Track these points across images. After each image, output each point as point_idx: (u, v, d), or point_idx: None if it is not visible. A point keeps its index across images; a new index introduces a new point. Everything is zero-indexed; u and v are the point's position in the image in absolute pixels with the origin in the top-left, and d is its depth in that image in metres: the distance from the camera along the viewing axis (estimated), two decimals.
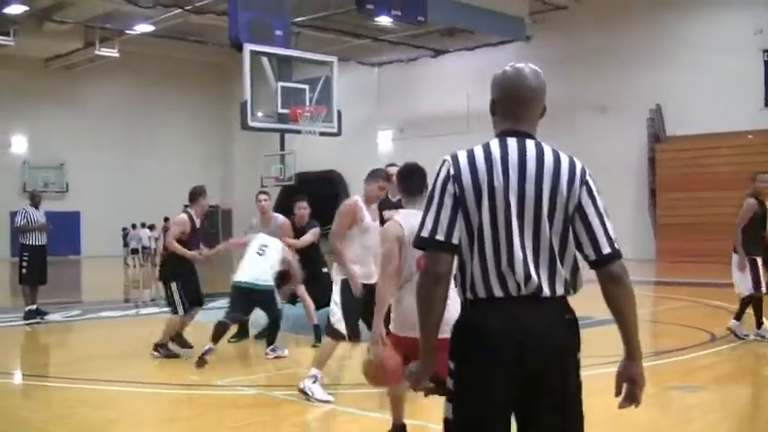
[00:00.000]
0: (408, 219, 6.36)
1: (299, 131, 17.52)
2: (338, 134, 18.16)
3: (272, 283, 11.73)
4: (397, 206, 11.59)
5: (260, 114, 17.38)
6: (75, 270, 36.00)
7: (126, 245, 39.38)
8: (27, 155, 45.83)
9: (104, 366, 11.22)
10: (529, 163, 3.57)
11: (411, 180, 6.81)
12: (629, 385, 3.60)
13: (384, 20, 30.23)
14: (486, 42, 37.02)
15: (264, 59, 16.93)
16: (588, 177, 3.62)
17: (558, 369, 3.53)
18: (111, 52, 39.73)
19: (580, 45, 34.88)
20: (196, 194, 12.95)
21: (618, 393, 3.61)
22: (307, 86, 17.51)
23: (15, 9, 33.58)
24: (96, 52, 39.79)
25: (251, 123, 16.67)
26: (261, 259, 11.78)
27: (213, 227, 49.15)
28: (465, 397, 3.59)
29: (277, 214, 13.62)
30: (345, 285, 8.83)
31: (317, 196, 14.98)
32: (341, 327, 8.81)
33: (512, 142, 3.63)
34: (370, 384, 6.80)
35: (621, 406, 3.61)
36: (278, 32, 17.27)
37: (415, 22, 27.86)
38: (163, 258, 12.75)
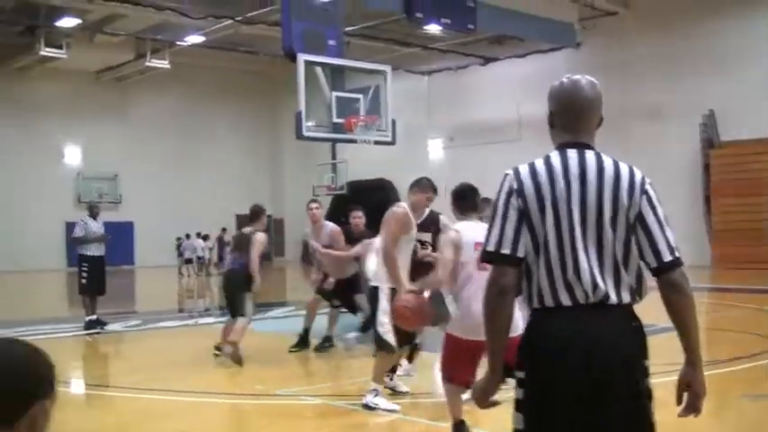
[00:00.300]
0: (465, 229, 7.18)
1: (353, 141, 17.53)
2: (392, 143, 18.19)
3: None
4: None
5: (312, 124, 17.42)
6: (129, 280, 36.31)
7: (180, 255, 39.63)
8: (81, 166, 46.30)
9: (168, 376, 11.30)
10: (589, 174, 3.63)
11: (464, 200, 7.58)
12: (690, 394, 3.63)
13: (433, 28, 30.20)
14: (536, 49, 36.87)
15: (318, 69, 16.96)
16: (648, 186, 3.67)
17: (626, 377, 3.53)
18: (162, 64, 40.01)
19: (631, 51, 34.61)
20: (259, 213, 13.26)
21: (679, 402, 3.64)
22: (361, 96, 17.54)
23: (68, 22, 33.99)
24: (147, 64, 40.05)
25: (306, 133, 16.72)
26: None
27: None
28: (537, 405, 3.60)
29: (327, 222, 13.73)
30: (394, 294, 8.82)
31: (368, 204, 15.03)
32: (390, 338, 8.83)
33: (572, 154, 3.69)
34: (401, 325, 7.74)
35: (681, 415, 3.64)
36: (331, 42, 17.32)
37: (464, 30, 27.76)
38: (234, 270, 12.90)
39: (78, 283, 17.14)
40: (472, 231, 7.17)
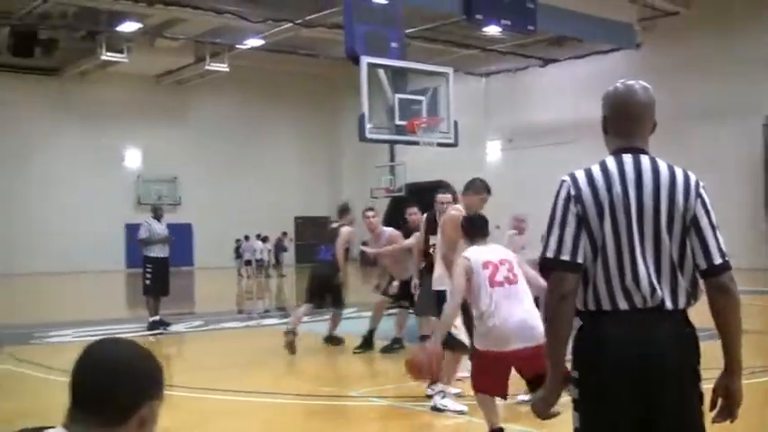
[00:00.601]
0: (473, 254, 7.47)
1: (416, 143, 17.54)
2: (455, 145, 18.16)
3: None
4: None
5: (374, 126, 17.43)
6: (189, 281, 36.58)
7: (239, 256, 39.84)
8: (141, 169, 46.79)
9: (232, 376, 11.36)
10: (645, 178, 3.68)
11: (474, 227, 7.95)
12: (725, 400, 3.66)
13: (493, 29, 30.13)
14: (595, 50, 36.60)
15: (380, 71, 16.97)
16: (702, 190, 3.71)
17: (679, 380, 3.59)
18: (222, 67, 40.25)
19: (691, 51, 34.21)
20: (346, 209, 14.21)
21: (713, 408, 3.68)
22: (423, 98, 17.53)
23: (129, 27, 34.34)
24: (207, 67, 40.33)
25: (369, 135, 16.73)
26: None
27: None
28: (592, 406, 3.66)
29: (385, 228, 13.82)
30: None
31: (426, 206, 15.03)
32: (464, 338, 8.83)
33: (627, 159, 3.74)
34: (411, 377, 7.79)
35: (715, 421, 3.68)
36: (393, 44, 17.32)
37: (524, 31, 27.66)
38: (324, 261, 13.55)
39: (143, 284, 17.33)
40: (480, 254, 7.48)
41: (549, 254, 3.69)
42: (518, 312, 7.20)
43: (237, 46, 38.34)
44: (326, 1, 31.59)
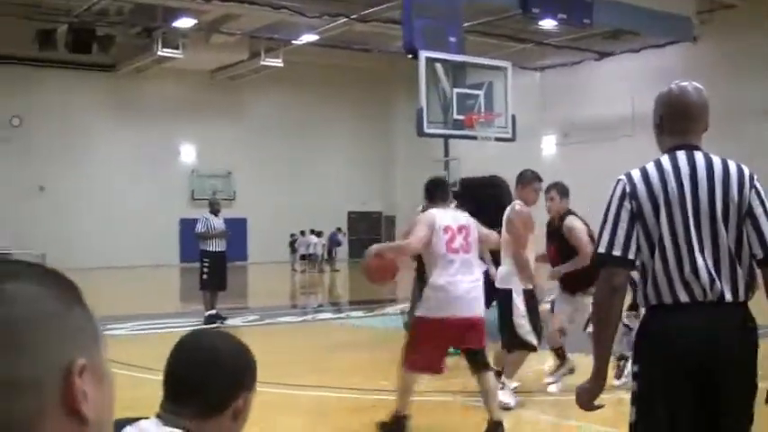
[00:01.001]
0: (438, 213, 7.80)
1: (474, 137, 17.48)
2: (513, 139, 18.08)
3: None
4: None
5: (430, 120, 17.38)
6: (243, 275, 36.75)
7: (294, 251, 39.97)
8: (195, 163, 47.13)
9: (292, 371, 11.36)
10: (699, 173, 3.84)
11: (435, 190, 8.41)
12: None
13: (548, 23, 30.02)
14: (652, 44, 36.26)
15: (438, 66, 16.91)
16: (756, 182, 3.87)
17: (741, 375, 3.70)
18: (276, 62, 40.42)
19: (749, 45, 33.72)
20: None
21: None
22: (481, 92, 17.44)
23: (184, 23, 34.59)
24: (261, 63, 40.57)
25: (427, 130, 16.68)
26: None
27: (377, 233, 49.66)
28: (652, 399, 3.79)
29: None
30: (529, 295, 8.87)
31: (481, 201, 15.02)
32: (532, 338, 8.85)
33: (681, 155, 3.91)
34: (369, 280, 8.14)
35: None
36: (452, 38, 17.26)
37: (580, 24, 27.53)
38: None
39: (200, 279, 17.41)
40: (443, 216, 7.81)
41: (602, 249, 3.85)
42: (466, 281, 7.61)
43: (293, 41, 38.41)
44: None
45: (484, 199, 12.25)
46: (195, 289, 17.96)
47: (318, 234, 39.53)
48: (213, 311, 17.24)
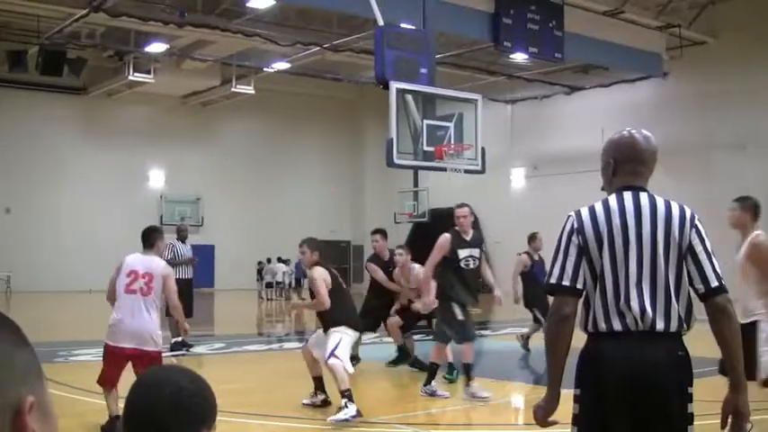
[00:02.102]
0: (128, 258, 10.23)
1: (444, 169, 17.44)
2: (482, 171, 18.07)
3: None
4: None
5: (400, 151, 17.37)
6: (210, 302, 36.57)
7: (260, 278, 39.81)
8: (164, 188, 46.90)
9: (257, 400, 11.32)
10: (644, 212, 4.08)
11: (144, 238, 10.56)
12: (734, 417, 3.97)
13: (520, 57, 30.18)
14: (622, 79, 36.56)
15: (408, 97, 16.91)
16: (697, 222, 4.11)
17: (669, 400, 3.88)
18: (247, 89, 40.46)
19: (718, 81, 34.01)
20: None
21: (723, 426, 4.01)
22: (452, 124, 17.45)
23: (156, 47, 34.55)
24: (233, 89, 40.57)
25: (397, 161, 16.65)
26: None
27: (345, 262, 49.55)
28: (589, 421, 4.04)
29: (414, 265, 14.02)
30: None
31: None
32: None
33: (627, 195, 4.15)
34: None
35: None
36: (423, 70, 17.26)
37: (551, 59, 27.68)
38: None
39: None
40: (134, 260, 9.84)
41: (552, 280, 4.15)
42: (138, 319, 9.37)
43: (265, 69, 38.46)
44: (354, 26, 31.75)
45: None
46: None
47: (285, 262, 39.40)
48: (179, 338, 17.09)
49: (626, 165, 4.23)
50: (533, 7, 25.66)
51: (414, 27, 19.35)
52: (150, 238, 10.38)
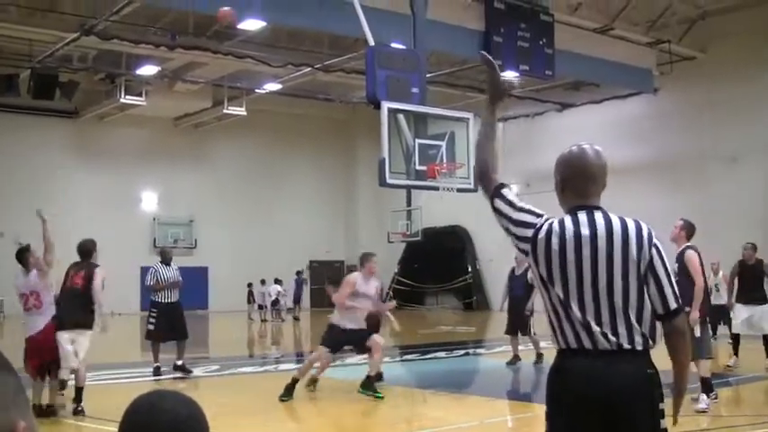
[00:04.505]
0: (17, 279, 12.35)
1: (436, 188, 17.46)
2: (475, 190, 17.99)
3: None
4: None
5: (392, 171, 17.37)
6: (204, 324, 36.50)
7: (251, 301, 39.65)
8: (157, 211, 46.82)
9: (252, 423, 11.27)
10: (599, 233, 4.04)
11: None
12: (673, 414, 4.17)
13: (510, 74, 30.23)
14: (614, 95, 36.64)
15: (400, 116, 16.94)
16: (656, 240, 4.09)
17: (638, 419, 3.88)
18: (239, 111, 40.50)
19: (709, 95, 34.14)
20: None
21: (675, 423, 4.15)
22: (443, 143, 17.47)
23: (148, 70, 34.60)
24: (224, 111, 40.62)
25: (389, 180, 16.66)
26: None
27: (339, 281, 49.50)
28: (554, 430, 4.09)
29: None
30: None
31: (443, 251, 15.08)
32: None
33: (582, 216, 4.12)
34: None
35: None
36: (414, 90, 17.28)
37: (542, 76, 27.78)
38: None
39: (146, 329, 17.23)
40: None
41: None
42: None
43: (256, 90, 38.52)
44: (345, 46, 31.83)
45: (446, 247, 12.31)
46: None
47: (280, 282, 39.29)
48: (180, 362, 17.06)
49: (575, 183, 4.23)
50: (523, 25, 25.76)
51: (404, 47, 19.39)
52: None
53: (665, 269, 4.04)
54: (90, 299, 12.62)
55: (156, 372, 16.77)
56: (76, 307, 12.59)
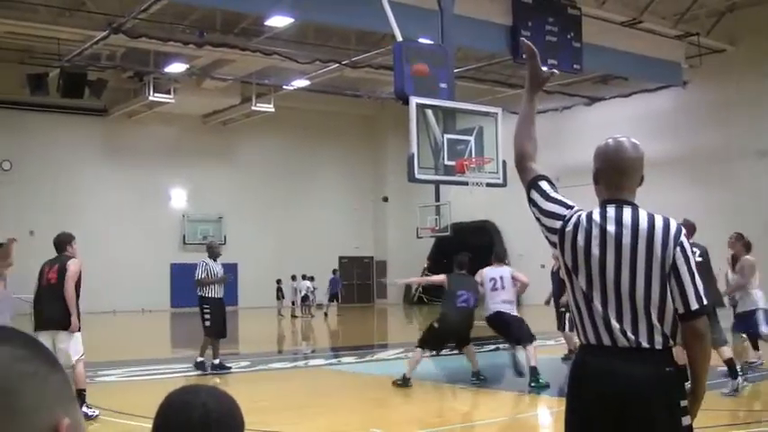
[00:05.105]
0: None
1: (465, 183, 17.41)
2: (504, 185, 17.97)
3: None
4: None
5: (421, 166, 17.34)
6: (234, 321, 36.60)
7: (281, 297, 39.71)
8: (186, 208, 46.95)
9: (284, 418, 11.30)
10: (625, 229, 4.02)
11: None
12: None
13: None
14: (642, 89, 36.49)
15: (428, 112, 16.91)
16: (683, 238, 4.01)
17: (656, 416, 3.85)
18: (267, 107, 40.54)
19: (739, 88, 33.95)
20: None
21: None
22: (472, 138, 17.45)
23: (176, 68, 34.72)
24: (253, 108, 40.68)
25: (418, 176, 16.63)
26: None
27: (368, 278, 49.63)
28: (573, 425, 4.09)
29: None
30: None
31: (472, 246, 15.14)
32: None
33: (610, 210, 4.11)
34: None
35: None
36: (443, 85, 17.24)
37: (570, 70, 27.63)
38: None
39: (203, 326, 16.94)
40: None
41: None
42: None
43: (284, 87, 38.56)
44: (372, 42, 31.83)
45: (475, 243, 12.33)
46: (186, 334, 17.80)
47: (311, 278, 39.34)
48: (216, 361, 16.99)
49: (609, 176, 4.22)
50: (551, 19, 25.69)
51: (432, 42, 19.35)
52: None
53: (689, 268, 3.96)
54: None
55: (201, 366, 16.73)
56: (53, 304, 11.86)
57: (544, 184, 4.45)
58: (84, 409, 11.28)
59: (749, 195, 32.06)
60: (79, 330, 11.65)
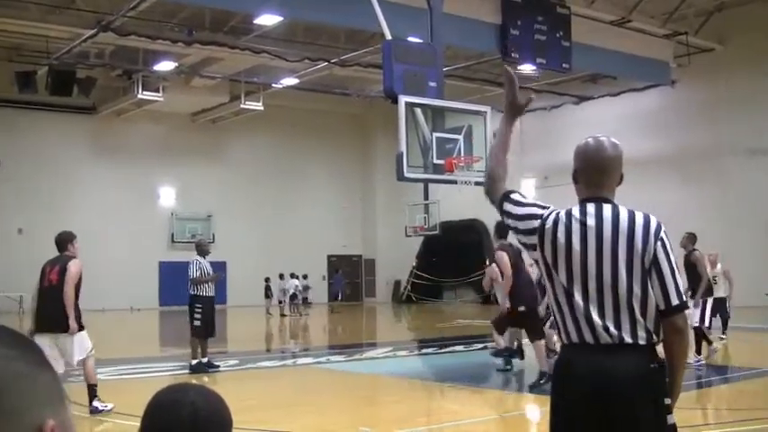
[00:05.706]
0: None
1: (454, 182, 17.40)
2: None
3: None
4: None
5: (409, 165, 17.32)
6: (223, 319, 36.55)
7: (268, 295, 39.69)
8: (175, 206, 46.91)
9: (275, 417, 11.29)
10: (605, 225, 4.02)
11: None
12: None
13: (527, 68, 30.17)
14: (631, 88, 36.58)
15: (417, 110, 16.90)
16: (663, 234, 4.02)
17: (639, 414, 3.86)
18: (256, 106, 40.58)
19: (727, 88, 34.07)
20: None
21: None
22: (460, 136, 17.45)
23: (165, 66, 34.66)
24: (241, 106, 40.70)
25: (407, 174, 16.61)
26: None
27: (357, 276, 49.65)
28: (557, 424, 4.11)
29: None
30: None
31: (461, 244, 15.13)
32: None
33: (590, 207, 4.10)
34: None
35: None
36: (431, 83, 17.24)
37: (559, 69, 27.70)
38: None
39: (191, 326, 16.82)
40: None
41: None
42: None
43: (273, 85, 38.55)
44: (361, 40, 31.83)
45: (463, 241, 12.32)
46: (175, 333, 17.78)
47: (297, 277, 39.33)
48: (205, 359, 16.91)
49: (586, 174, 4.21)
50: (540, 18, 25.75)
51: (421, 40, 19.35)
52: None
53: (670, 264, 3.98)
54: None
55: (204, 368, 16.59)
56: (54, 306, 11.64)
57: (516, 195, 4.39)
58: (96, 403, 11.39)
59: (739, 193, 32.16)
60: (83, 329, 11.51)
